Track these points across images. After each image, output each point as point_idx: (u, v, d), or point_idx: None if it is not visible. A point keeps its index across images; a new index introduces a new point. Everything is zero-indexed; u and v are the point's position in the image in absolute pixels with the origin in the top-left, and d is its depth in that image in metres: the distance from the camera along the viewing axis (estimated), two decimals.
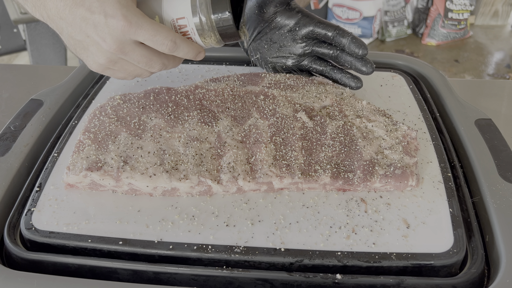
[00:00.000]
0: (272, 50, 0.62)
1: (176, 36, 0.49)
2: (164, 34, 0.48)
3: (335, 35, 0.58)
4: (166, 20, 0.50)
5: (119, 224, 0.46)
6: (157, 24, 0.48)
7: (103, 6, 0.46)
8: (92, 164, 0.49)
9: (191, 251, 0.44)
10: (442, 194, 0.49)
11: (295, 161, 0.50)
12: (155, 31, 0.47)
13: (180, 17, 0.50)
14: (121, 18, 0.46)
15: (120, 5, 0.46)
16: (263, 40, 0.62)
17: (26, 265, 0.45)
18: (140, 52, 0.49)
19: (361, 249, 0.44)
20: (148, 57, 0.50)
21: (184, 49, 0.50)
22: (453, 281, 0.42)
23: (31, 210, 0.48)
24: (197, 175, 0.49)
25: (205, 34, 0.51)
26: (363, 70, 0.59)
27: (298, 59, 0.62)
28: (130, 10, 0.47)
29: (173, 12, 0.50)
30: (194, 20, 0.50)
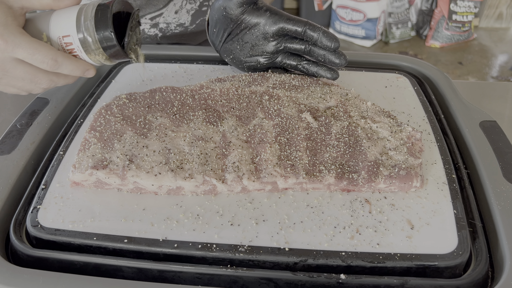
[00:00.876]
0: (245, 50, 0.63)
1: (58, 54, 0.49)
2: (44, 52, 0.48)
3: (306, 30, 0.59)
4: (53, 38, 0.51)
5: (124, 222, 0.46)
6: (37, 42, 0.48)
7: None
8: (98, 163, 0.49)
9: (196, 250, 0.44)
10: (446, 196, 0.49)
11: (300, 161, 0.51)
12: (33, 50, 0.48)
13: (65, 35, 0.50)
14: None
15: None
16: (235, 41, 0.63)
17: (31, 262, 0.45)
18: (22, 69, 0.49)
19: (365, 249, 0.44)
20: (32, 73, 0.50)
21: (68, 67, 0.50)
22: (457, 282, 0.42)
23: (37, 207, 0.48)
24: (202, 174, 0.49)
25: (91, 52, 0.51)
26: (337, 62, 0.59)
27: (271, 57, 0.63)
28: (7, 28, 0.47)
29: (59, 29, 0.50)
30: (79, 37, 0.50)
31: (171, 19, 0.81)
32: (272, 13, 0.60)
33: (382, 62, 0.73)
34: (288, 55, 0.63)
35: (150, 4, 0.78)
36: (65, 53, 0.50)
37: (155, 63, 0.72)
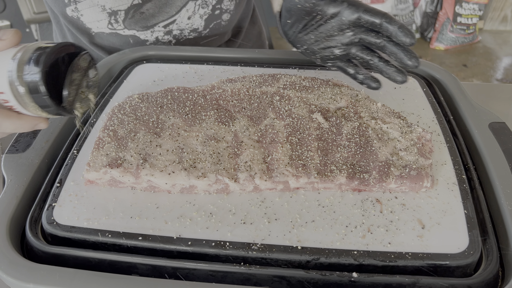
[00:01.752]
0: (320, 41, 0.61)
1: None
2: None
3: (383, 22, 0.56)
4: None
5: (138, 220, 0.47)
6: None
7: None
8: (112, 161, 0.50)
9: (210, 248, 0.44)
10: (456, 196, 0.50)
11: (311, 161, 0.51)
12: None
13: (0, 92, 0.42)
14: None
15: None
16: (309, 32, 0.61)
17: (47, 259, 0.46)
18: None
19: (377, 248, 0.44)
20: None
21: (10, 126, 0.43)
22: (469, 281, 0.42)
23: (52, 205, 0.49)
24: (215, 173, 0.49)
25: (32, 109, 0.43)
26: (408, 63, 0.56)
27: (345, 48, 0.60)
28: None
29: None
30: (15, 96, 0.41)
31: (184, 25, 0.81)
32: (349, 3, 0.57)
33: None
34: (362, 48, 0.60)
35: (163, 11, 0.78)
36: (3, 112, 0.43)
37: (166, 64, 0.72)
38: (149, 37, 0.81)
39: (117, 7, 0.76)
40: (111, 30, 0.79)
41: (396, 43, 0.56)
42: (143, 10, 0.77)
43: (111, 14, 0.77)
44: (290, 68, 0.71)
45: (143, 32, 0.80)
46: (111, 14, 0.77)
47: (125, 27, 0.79)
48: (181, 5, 0.78)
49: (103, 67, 0.73)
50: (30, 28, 1.83)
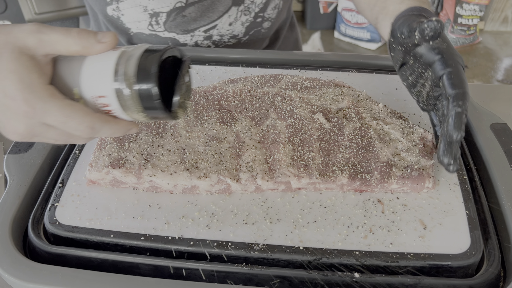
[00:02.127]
0: (414, 85, 0.54)
1: (94, 121, 0.39)
2: (78, 119, 0.39)
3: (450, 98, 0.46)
4: (86, 96, 0.40)
5: (140, 220, 0.47)
6: (69, 107, 0.38)
7: (2, 84, 0.37)
8: (114, 162, 0.50)
9: (212, 248, 0.45)
10: (458, 196, 0.50)
11: (313, 162, 0.51)
12: (65, 118, 0.38)
13: (101, 95, 0.40)
14: (23, 103, 0.37)
15: (22, 85, 0.37)
16: (407, 72, 0.54)
17: (49, 259, 0.46)
18: (55, 132, 0.40)
19: (378, 248, 0.44)
20: (67, 135, 0.41)
21: (107, 132, 0.41)
22: (470, 282, 0.42)
23: (54, 205, 0.49)
24: (217, 174, 0.50)
25: (132, 114, 0.40)
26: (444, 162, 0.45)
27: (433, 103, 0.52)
28: (34, 91, 0.37)
29: (93, 88, 0.40)
30: (118, 100, 0.39)
31: (224, 31, 0.80)
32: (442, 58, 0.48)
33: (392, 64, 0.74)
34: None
35: (205, 16, 0.77)
36: (103, 116, 0.40)
37: None
38: (188, 41, 0.80)
39: (159, 9, 0.75)
40: (151, 32, 0.78)
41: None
42: (185, 13, 0.75)
43: (153, 16, 0.76)
44: (292, 68, 0.71)
45: (183, 35, 0.79)
46: (152, 16, 0.76)
47: (165, 29, 0.78)
48: (223, 10, 0.77)
49: None
50: None
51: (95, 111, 0.40)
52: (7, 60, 0.37)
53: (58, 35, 0.38)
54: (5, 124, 0.40)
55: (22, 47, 0.38)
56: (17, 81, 0.37)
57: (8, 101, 0.38)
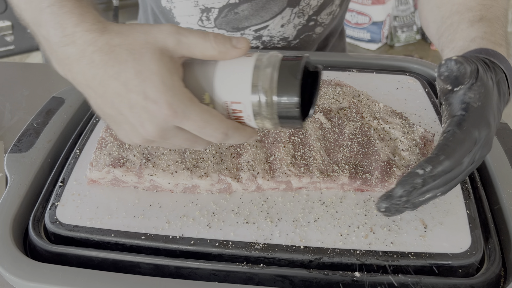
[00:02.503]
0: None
1: (228, 127, 0.39)
2: (215, 125, 0.38)
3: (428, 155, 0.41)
4: (218, 101, 0.39)
5: (141, 219, 0.47)
6: (207, 113, 0.38)
7: (143, 85, 0.36)
8: (115, 161, 0.50)
9: (212, 247, 0.45)
10: (458, 196, 0.50)
11: (314, 161, 0.51)
12: (204, 123, 0.37)
13: (235, 101, 0.39)
14: (165, 106, 0.36)
15: (165, 87, 0.36)
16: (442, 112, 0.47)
17: (50, 258, 0.46)
18: (184, 136, 0.39)
19: (379, 248, 0.44)
20: (192, 140, 0.40)
21: (236, 138, 0.40)
22: (471, 281, 0.42)
23: (55, 204, 0.49)
24: (217, 173, 0.50)
25: (263, 121, 0.39)
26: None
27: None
28: (176, 94, 0.36)
29: (228, 94, 0.39)
30: (253, 104, 0.38)
31: (275, 32, 0.77)
32: (462, 117, 0.41)
33: (392, 64, 0.74)
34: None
35: (257, 15, 0.74)
36: (234, 124, 0.40)
37: None
38: None
39: (211, 4, 0.72)
40: (200, 27, 0.76)
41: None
42: (238, 10, 0.73)
43: (204, 11, 0.73)
44: None
45: (233, 33, 0.76)
46: (203, 11, 0.73)
47: (215, 26, 0.75)
48: (277, 11, 0.74)
49: None
50: None
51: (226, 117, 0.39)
52: (149, 61, 0.36)
53: (197, 38, 0.37)
54: (137, 128, 0.38)
55: (162, 48, 0.37)
56: (160, 83, 0.36)
57: (149, 104, 0.36)
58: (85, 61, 0.37)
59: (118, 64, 0.36)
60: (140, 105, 0.37)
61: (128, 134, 0.40)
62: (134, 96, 0.36)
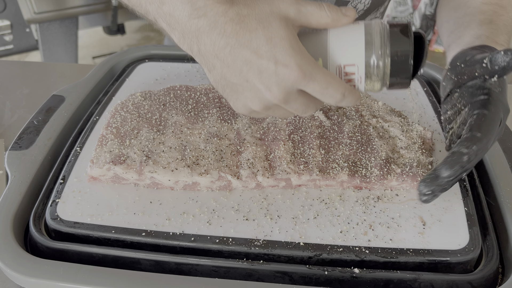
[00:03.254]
0: (451, 118, 0.50)
1: (346, 88, 0.41)
2: (335, 86, 0.41)
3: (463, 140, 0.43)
4: (331, 64, 0.42)
5: (141, 216, 0.47)
6: (329, 75, 0.41)
7: (273, 51, 0.39)
8: (115, 158, 0.50)
9: (213, 244, 0.45)
10: (457, 194, 0.50)
11: (313, 159, 0.51)
12: (327, 84, 0.40)
13: (349, 64, 0.42)
14: (296, 68, 0.39)
15: (294, 51, 0.39)
16: (449, 103, 0.50)
17: (50, 254, 0.46)
18: (301, 101, 0.42)
19: (378, 244, 0.45)
20: (307, 105, 0.43)
21: (349, 100, 0.42)
22: (469, 277, 0.43)
23: (56, 201, 0.49)
24: (218, 170, 0.50)
25: (372, 83, 0.43)
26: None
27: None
28: (304, 57, 0.39)
29: (342, 57, 0.42)
30: (366, 66, 0.41)
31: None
32: (479, 101, 0.45)
33: None
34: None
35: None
36: (349, 86, 0.42)
37: (168, 63, 0.73)
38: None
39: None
40: None
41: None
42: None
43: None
44: None
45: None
46: None
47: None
48: None
49: (105, 65, 0.73)
50: (30, 28, 1.84)
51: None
52: (278, 28, 0.39)
53: (314, 8, 0.40)
54: (262, 93, 0.41)
55: (286, 17, 0.40)
56: (290, 48, 0.39)
57: (279, 68, 0.39)
58: (217, 31, 0.39)
59: (249, 32, 0.39)
60: (271, 70, 0.39)
61: (248, 102, 0.42)
62: (264, 62, 0.39)
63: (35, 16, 1.71)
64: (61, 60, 1.85)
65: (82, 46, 2.13)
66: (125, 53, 0.76)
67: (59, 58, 1.85)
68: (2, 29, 1.76)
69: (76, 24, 1.85)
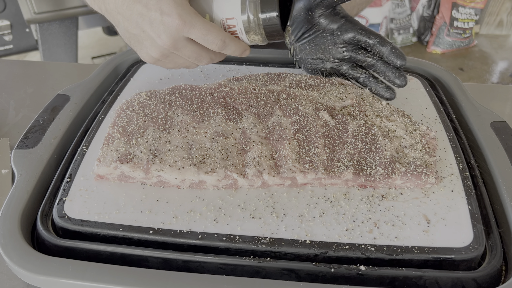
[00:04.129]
0: (314, 52, 0.63)
1: (226, 36, 0.51)
2: (215, 33, 0.50)
3: (376, 43, 0.59)
4: (216, 19, 0.53)
5: (148, 214, 0.48)
6: (209, 24, 0.50)
7: (159, 4, 0.49)
8: (122, 157, 0.51)
9: (220, 241, 0.45)
10: (460, 192, 0.51)
11: (318, 158, 0.52)
12: (207, 31, 0.50)
13: (229, 17, 0.52)
14: (176, 16, 0.48)
15: (175, 3, 0.49)
16: (306, 42, 0.62)
17: (58, 252, 0.46)
18: (191, 48, 0.52)
19: (383, 242, 0.45)
20: (198, 52, 0.53)
21: (232, 47, 0.52)
22: (473, 275, 0.43)
23: (63, 199, 0.49)
24: (224, 169, 0.50)
25: (252, 33, 0.53)
26: (397, 82, 0.60)
27: (337, 64, 0.63)
28: (184, 9, 0.49)
29: (223, 12, 0.52)
30: (243, 20, 0.52)
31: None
32: (347, 21, 0.60)
33: None
34: (353, 65, 0.63)
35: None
36: (230, 35, 0.52)
37: None
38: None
39: None
40: None
41: (387, 63, 0.59)
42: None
43: None
44: (295, 67, 0.72)
45: None
46: None
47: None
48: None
49: (109, 65, 0.73)
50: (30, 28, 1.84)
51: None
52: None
53: None
54: (155, 40, 0.51)
55: None
56: (172, 1, 0.49)
57: (164, 17, 0.49)
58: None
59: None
60: (158, 20, 0.49)
61: (148, 50, 0.53)
62: (153, 14, 0.49)
63: (35, 16, 1.71)
64: (61, 60, 1.85)
65: (81, 46, 2.14)
66: (129, 53, 0.76)
67: (58, 58, 1.85)
68: (2, 29, 1.76)
69: (76, 24, 1.85)
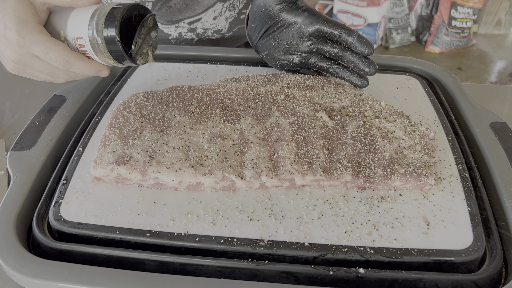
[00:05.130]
0: (280, 47, 0.63)
1: (70, 55, 0.51)
2: (57, 52, 0.50)
3: (341, 33, 0.59)
4: (69, 38, 0.53)
5: (145, 217, 0.47)
6: (51, 42, 0.50)
7: (4, 18, 0.50)
8: (119, 158, 0.50)
9: (217, 244, 0.45)
10: (460, 194, 0.50)
11: (317, 159, 0.52)
12: (47, 49, 0.50)
13: (79, 37, 0.52)
14: (15, 32, 0.49)
15: (18, 19, 0.49)
16: (271, 38, 0.63)
17: (54, 255, 0.46)
18: (40, 64, 0.52)
19: (383, 244, 0.45)
20: (50, 69, 0.53)
21: (80, 68, 0.52)
22: (473, 277, 0.43)
23: (59, 202, 0.49)
24: (222, 171, 0.50)
25: (101, 54, 0.52)
26: (366, 70, 0.60)
27: (305, 57, 0.63)
28: (26, 25, 0.49)
29: (74, 31, 0.52)
30: (90, 40, 0.51)
31: (208, 25, 0.82)
32: (310, 13, 0.60)
33: (392, 64, 0.74)
34: (321, 57, 0.63)
35: (189, 8, 0.78)
36: (78, 54, 0.52)
37: (169, 63, 0.73)
38: (172, 32, 0.81)
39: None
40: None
41: (355, 52, 0.59)
42: (171, 4, 0.77)
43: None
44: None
45: (167, 26, 0.81)
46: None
47: None
48: (209, 4, 0.79)
49: None
50: None
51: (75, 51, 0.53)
52: (12, 2, 0.50)
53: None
54: (3, 52, 0.52)
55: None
56: (15, 17, 0.49)
57: (7, 32, 0.50)
58: None
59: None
60: (2, 34, 0.50)
61: (3, 61, 0.54)
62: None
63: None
64: None
65: None
66: None
67: None
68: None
69: None
